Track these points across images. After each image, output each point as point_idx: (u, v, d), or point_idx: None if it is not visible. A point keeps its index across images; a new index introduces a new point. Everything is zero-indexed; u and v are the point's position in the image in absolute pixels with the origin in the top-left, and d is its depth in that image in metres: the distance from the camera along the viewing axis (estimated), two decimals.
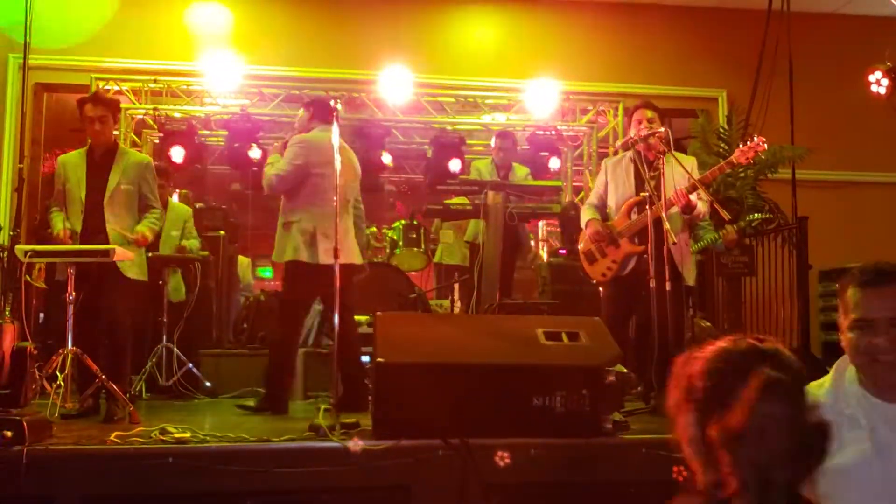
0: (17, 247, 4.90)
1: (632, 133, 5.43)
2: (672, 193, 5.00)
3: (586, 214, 5.53)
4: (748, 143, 5.29)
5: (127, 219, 5.26)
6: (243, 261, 10.36)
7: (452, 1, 9.63)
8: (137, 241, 5.13)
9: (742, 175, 8.00)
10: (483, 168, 7.97)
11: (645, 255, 5.14)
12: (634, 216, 5.30)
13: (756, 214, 6.95)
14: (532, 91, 9.08)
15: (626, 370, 4.09)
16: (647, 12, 9.81)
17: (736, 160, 5.29)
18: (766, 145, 5.30)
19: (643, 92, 9.55)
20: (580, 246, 5.66)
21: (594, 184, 5.77)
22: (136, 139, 8.99)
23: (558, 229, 9.74)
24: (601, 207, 5.55)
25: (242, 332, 7.60)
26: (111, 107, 5.41)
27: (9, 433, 3.51)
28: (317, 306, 7.50)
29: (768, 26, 8.32)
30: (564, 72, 9.31)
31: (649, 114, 5.42)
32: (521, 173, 7.96)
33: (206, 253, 7.34)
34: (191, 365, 6.55)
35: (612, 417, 3.95)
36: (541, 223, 10.99)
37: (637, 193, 5.34)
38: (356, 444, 3.64)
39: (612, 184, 5.51)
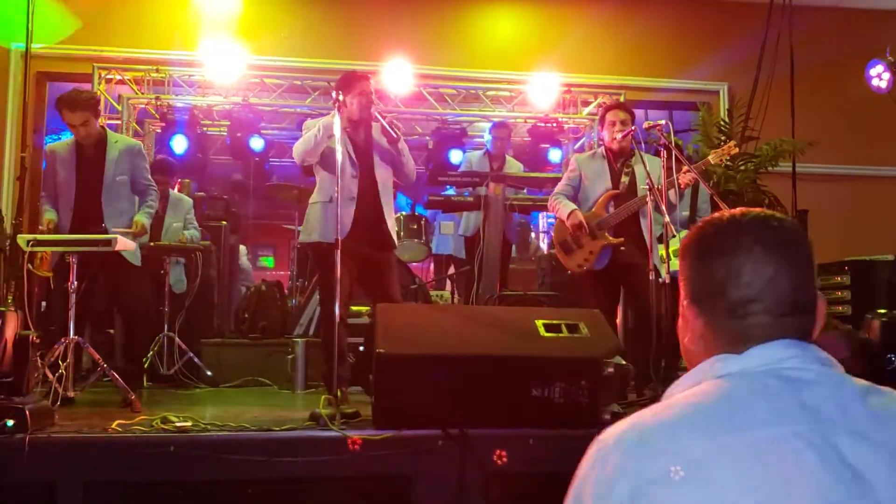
0: (19, 236, 4.93)
1: (605, 135, 5.65)
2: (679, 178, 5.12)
3: (566, 206, 5.58)
4: (721, 146, 5.59)
5: (126, 210, 5.32)
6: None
7: None
8: (137, 233, 5.16)
9: (742, 168, 8.01)
10: (474, 159, 7.97)
11: (622, 248, 5.28)
12: (611, 209, 5.42)
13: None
14: (534, 83, 9.09)
15: (625, 362, 4.11)
16: (649, 4, 9.81)
17: (712, 161, 5.51)
18: (737, 148, 5.58)
19: (644, 84, 9.59)
20: (555, 236, 5.75)
21: (564, 177, 5.84)
22: (138, 129, 9.00)
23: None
24: (573, 199, 5.64)
25: (243, 322, 7.61)
26: (90, 107, 5.24)
27: (11, 421, 3.53)
28: (317, 295, 7.54)
29: (770, 19, 8.33)
30: (566, 64, 9.33)
31: (622, 115, 5.58)
32: (514, 168, 7.92)
33: (206, 242, 7.35)
34: (192, 354, 6.57)
35: (610, 409, 3.98)
36: (541, 215, 10.99)
37: (615, 187, 5.46)
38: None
39: (588, 179, 5.64)
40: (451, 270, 8.85)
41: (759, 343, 1.28)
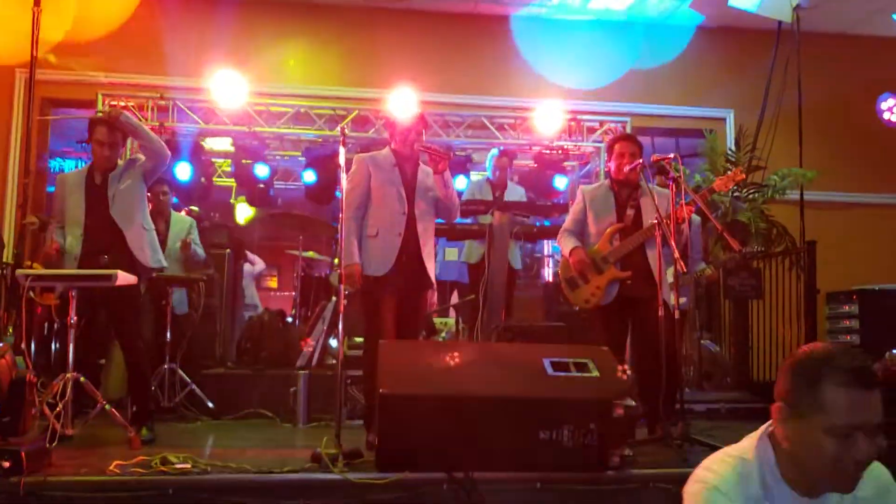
0: (17, 271, 4.87)
1: (612, 166, 5.50)
2: (680, 210, 5.01)
3: (569, 242, 5.48)
4: (728, 173, 5.51)
5: (136, 214, 5.26)
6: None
7: (460, 20, 9.60)
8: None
9: (751, 198, 7.94)
10: (475, 187, 7.93)
11: (628, 282, 5.19)
12: (616, 243, 5.30)
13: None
14: (539, 110, 9.02)
15: (634, 402, 4.02)
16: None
17: (717, 188, 5.46)
18: (743, 174, 5.54)
19: (650, 112, 9.54)
20: (561, 272, 5.64)
21: (570, 211, 5.75)
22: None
23: None
24: (579, 234, 5.54)
25: (245, 353, 7.52)
26: (123, 134, 5.35)
27: (7, 463, 3.46)
28: (321, 326, 7.46)
29: (778, 46, 8.29)
30: (572, 90, 9.28)
31: (631, 147, 5.45)
32: (516, 194, 7.85)
33: (210, 271, 7.29)
34: (193, 385, 6.48)
35: (619, 451, 3.89)
36: (546, 243, 10.92)
37: (619, 220, 5.35)
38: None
39: (593, 211, 5.50)
40: (455, 297, 8.76)
41: None
